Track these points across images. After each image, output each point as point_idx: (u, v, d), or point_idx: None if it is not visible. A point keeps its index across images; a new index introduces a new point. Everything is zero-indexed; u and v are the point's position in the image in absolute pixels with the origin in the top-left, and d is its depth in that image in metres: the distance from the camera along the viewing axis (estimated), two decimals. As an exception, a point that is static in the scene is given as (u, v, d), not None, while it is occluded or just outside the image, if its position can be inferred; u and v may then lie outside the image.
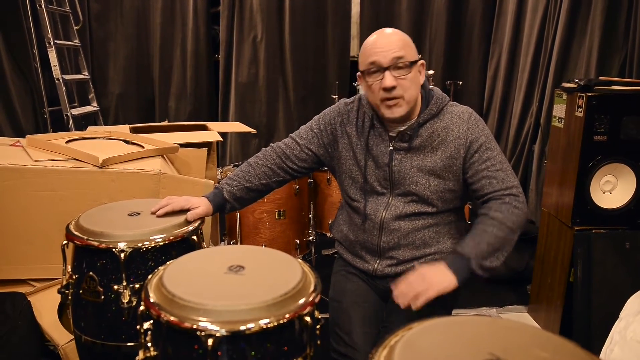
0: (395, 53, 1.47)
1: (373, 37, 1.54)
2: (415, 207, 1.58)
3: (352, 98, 1.72)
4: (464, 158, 1.53)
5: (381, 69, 1.48)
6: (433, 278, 1.34)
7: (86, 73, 4.12)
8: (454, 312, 1.71)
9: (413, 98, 1.53)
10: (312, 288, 1.09)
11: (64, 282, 1.40)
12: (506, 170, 1.52)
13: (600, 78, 2.46)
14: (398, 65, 1.48)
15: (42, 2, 3.57)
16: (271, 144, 1.74)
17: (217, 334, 0.94)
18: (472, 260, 1.40)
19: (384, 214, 1.60)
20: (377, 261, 1.65)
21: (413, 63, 1.50)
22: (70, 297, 1.40)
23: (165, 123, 3.63)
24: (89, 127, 3.09)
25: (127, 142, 2.37)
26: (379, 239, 1.62)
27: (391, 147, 1.58)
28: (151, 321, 1.04)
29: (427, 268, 1.37)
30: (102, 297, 1.33)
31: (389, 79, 1.47)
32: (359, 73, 1.59)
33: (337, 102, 1.75)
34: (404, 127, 1.57)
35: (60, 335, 1.75)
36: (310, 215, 3.03)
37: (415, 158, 1.56)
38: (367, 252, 1.67)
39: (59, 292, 1.41)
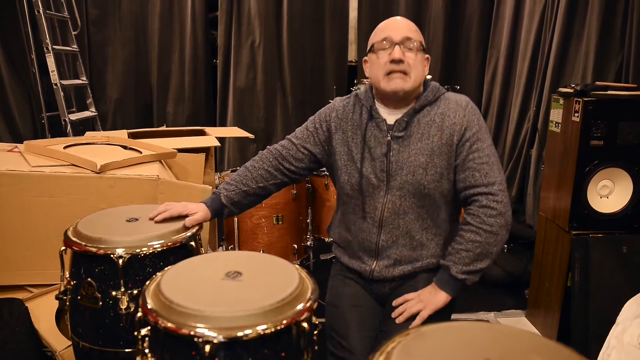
0: (407, 33, 1.55)
1: (387, 20, 1.62)
2: (412, 200, 1.57)
3: (347, 96, 1.74)
4: (456, 145, 1.54)
5: (392, 44, 1.54)
6: (427, 299, 1.55)
7: (84, 78, 4.13)
8: (452, 316, 1.71)
9: (417, 77, 1.57)
10: (309, 294, 1.09)
11: (62, 288, 1.40)
12: (492, 164, 1.53)
13: (597, 83, 2.47)
14: (408, 46, 1.54)
15: (41, 8, 3.58)
16: (268, 146, 1.74)
17: (215, 340, 0.94)
18: (452, 269, 1.52)
19: (382, 210, 1.59)
20: (375, 262, 1.65)
21: (422, 46, 1.57)
22: (68, 303, 1.40)
23: (163, 128, 3.63)
24: (87, 132, 3.09)
25: (125, 147, 2.37)
26: (378, 237, 1.62)
27: (389, 137, 1.58)
28: (149, 327, 1.04)
29: (422, 292, 1.57)
30: (100, 303, 1.33)
31: (397, 51, 1.52)
32: (365, 58, 1.64)
33: (333, 101, 1.77)
34: (401, 115, 1.58)
35: (58, 341, 1.74)
36: (308, 220, 3.03)
37: (412, 146, 1.56)
38: (364, 252, 1.67)
39: (56, 298, 1.41)
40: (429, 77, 3.26)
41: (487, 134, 1.57)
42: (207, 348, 0.93)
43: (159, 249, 1.35)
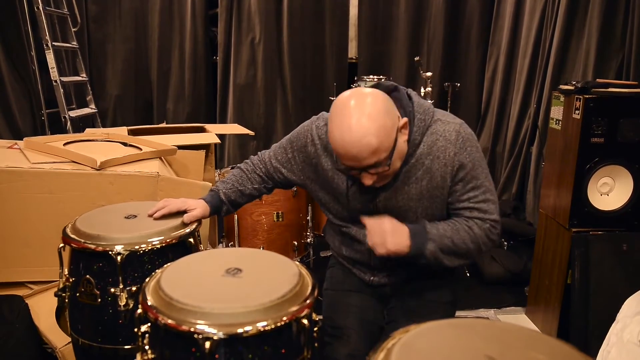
0: (369, 160, 1.30)
1: (340, 138, 1.30)
2: None
3: (324, 121, 1.55)
4: (449, 186, 1.44)
5: (357, 171, 1.36)
6: (392, 239, 1.37)
7: (84, 75, 4.12)
8: (451, 313, 1.71)
9: (397, 168, 1.42)
10: (309, 290, 1.09)
11: (61, 285, 1.40)
12: (489, 200, 1.45)
13: (598, 80, 2.46)
14: (377, 167, 1.34)
15: (40, 4, 3.57)
16: (259, 152, 1.72)
17: (215, 337, 0.94)
18: (431, 245, 1.40)
19: None
20: (373, 275, 1.62)
21: (391, 154, 1.33)
22: (67, 300, 1.40)
23: (163, 125, 3.63)
24: (86, 129, 3.09)
25: (124, 144, 2.37)
26: (370, 259, 1.58)
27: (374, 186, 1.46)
28: (149, 324, 1.04)
29: (393, 227, 1.39)
30: (99, 300, 1.33)
31: (367, 179, 1.36)
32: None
33: (310, 121, 1.60)
34: None
35: (58, 338, 1.74)
36: (308, 217, 3.03)
37: (400, 193, 1.46)
38: (361, 266, 1.64)
39: (55, 295, 1.41)
40: (429, 74, 3.26)
41: (482, 164, 1.45)
42: (207, 344, 0.93)
43: (158, 246, 1.35)
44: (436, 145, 1.42)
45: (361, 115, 1.28)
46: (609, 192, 2.38)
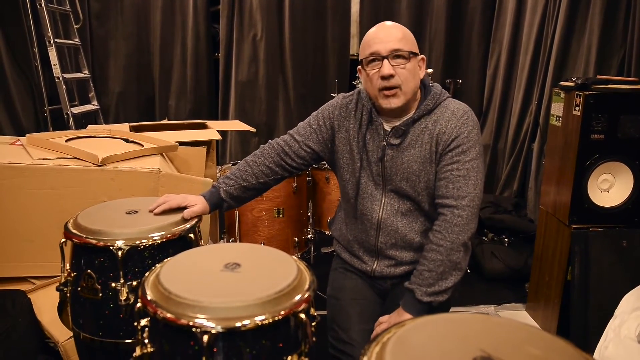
0: (394, 44, 1.49)
1: (374, 29, 1.55)
2: (409, 204, 1.58)
3: (350, 92, 1.71)
4: (440, 153, 1.52)
5: (380, 58, 1.50)
6: (394, 322, 1.50)
7: (86, 72, 4.13)
8: (451, 309, 1.72)
9: (411, 90, 1.52)
10: (307, 285, 1.10)
11: (63, 280, 1.42)
12: (468, 178, 1.48)
13: (598, 77, 2.46)
14: (397, 55, 1.49)
15: (42, 1, 3.58)
16: (270, 140, 1.73)
17: (213, 331, 0.95)
18: (416, 292, 1.49)
19: (380, 213, 1.60)
20: (375, 262, 1.65)
21: (412, 54, 1.51)
22: (68, 295, 1.42)
23: (165, 121, 3.64)
24: (89, 125, 3.10)
25: (126, 140, 2.38)
26: (376, 239, 1.62)
27: (384, 143, 1.57)
28: (148, 318, 1.05)
29: (391, 316, 1.55)
30: (100, 294, 1.34)
31: (386, 67, 1.48)
32: (359, 66, 1.60)
33: (336, 97, 1.74)
34: (399, 122, 1.57)
35: (60, 332, 1.76)
36: (309, 213, 3.04)
37: (406, 154, 1.55)
38: (365, 252, 1.68)
39: (57, 289, 1.43)
40: (430, 70, 3.26)
41: (477, 147, 1.52)
42: (205, 338, 0.94)
43: (159, 241, 1.36)
44: (444, 116, 1.54)
45: (396, 23, 1.56)
46: (609, 188, 2.38)
